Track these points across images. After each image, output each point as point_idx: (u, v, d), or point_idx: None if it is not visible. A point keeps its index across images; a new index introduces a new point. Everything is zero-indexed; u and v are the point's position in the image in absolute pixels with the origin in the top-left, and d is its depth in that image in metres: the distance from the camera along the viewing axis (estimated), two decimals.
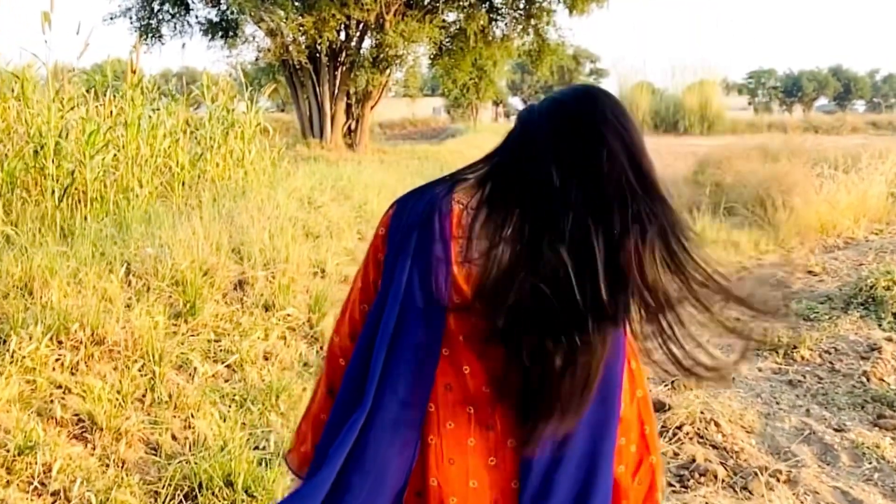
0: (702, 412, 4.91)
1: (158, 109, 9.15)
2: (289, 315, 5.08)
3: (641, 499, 1.59)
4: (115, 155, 8.11)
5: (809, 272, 9.18)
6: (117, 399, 3.51)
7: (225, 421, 3.66)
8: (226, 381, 4.08)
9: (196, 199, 8.00)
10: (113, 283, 4.41)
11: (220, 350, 4.33)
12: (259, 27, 20.47)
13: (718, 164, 12.91)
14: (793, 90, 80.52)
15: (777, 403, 5.46)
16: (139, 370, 3.81)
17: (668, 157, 22.92)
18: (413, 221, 1.46)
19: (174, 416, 3.59)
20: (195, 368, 4.01)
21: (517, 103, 66.51)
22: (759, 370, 6.24)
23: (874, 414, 5.19)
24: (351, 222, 8.76)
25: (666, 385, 5.54)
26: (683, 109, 40.73)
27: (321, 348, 4.96)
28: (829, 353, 6.53)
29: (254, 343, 4.51)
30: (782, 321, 1.63)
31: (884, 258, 9.63)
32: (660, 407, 4.93)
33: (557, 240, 1.33)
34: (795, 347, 6.57)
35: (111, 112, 8.92)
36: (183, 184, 9.05)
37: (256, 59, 22.25)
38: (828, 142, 16.87)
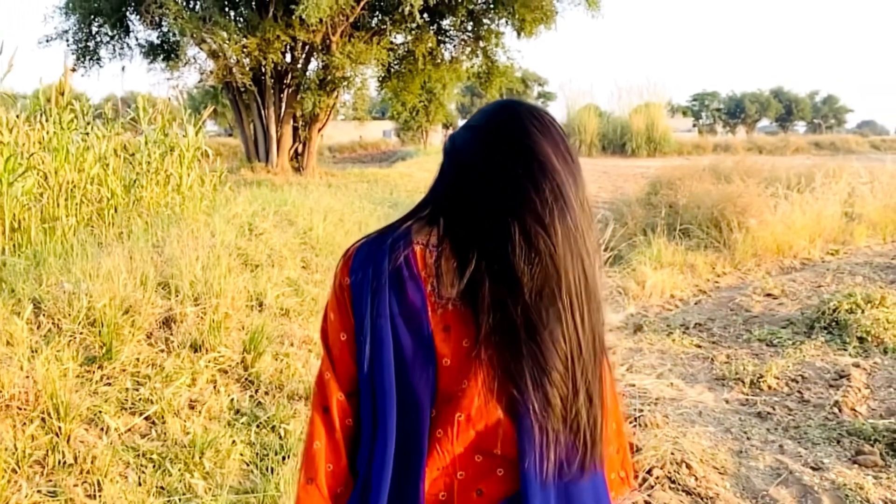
0: (672, 453, 4.54)
1: (87, 133, 8.62)
2: (220, 356, 4.61)
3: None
4: (39, 182, 7.60)
5: (768, 295, 8.94)
6: (11, 463, 3.02)
7: (140, 485, 3.19)
8: (143, 436, 3.60)
9: (127, 228, 7.49)
10: (17, 324, 3.91)
11: (139, 399, 3.84)
12: (201, 49, 19.94)
13: (671, 185, 12.69)
14: (736, 112, 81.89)
15: (748, 439, 5.12)
16: (41, 426, 3.32)
17: (617, 179, 22.86)
18: (380, 269, 1.44)
19: (79, 483, 3.11)
20: (107, 423, 3.53)
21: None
22: (727, 402, 5.92)
23: (852, 450, 4.87)
24: (295, 249, 8.30)
25: (632, 422, 5.17)
26: (630, 131, 40.87)
27: (256, 392, 4.50)
28: (797, 382, 6.25)
29: (178, 390, 4.03)
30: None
31: (842, 279, 9.45)
32: None
33: (510, 263, 1.36)
34: (761, 376, 6.27)
35: (42, 137, 8.37)
36: (116, 210, 8.53)
37: (200, 82, 21.70)
38: (777, 162, 16.84)
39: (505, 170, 1.40)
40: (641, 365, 6.69)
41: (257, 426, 4.02)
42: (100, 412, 3.60)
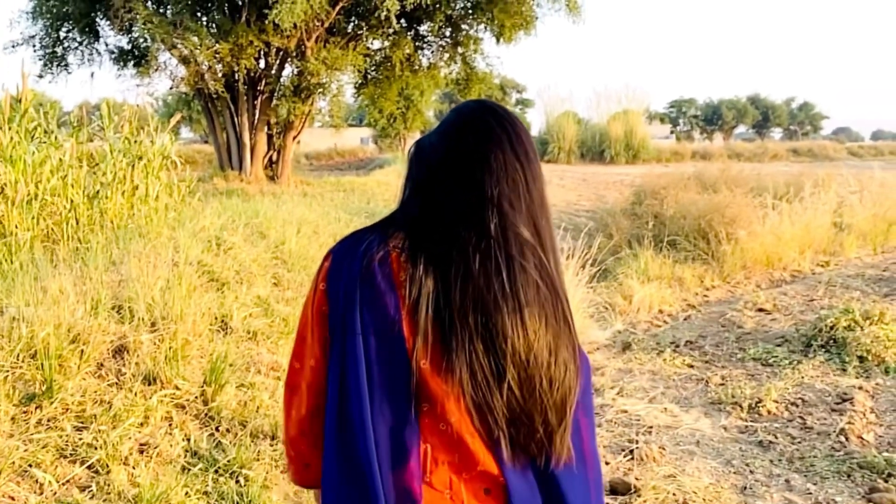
0: (673, 493, 4.17)
1: (44, 143, 8.14)
2: (177, 389, 4.18)
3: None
4: None
5: (760, 310, 8.62)
6: None
7: None
8: (83, 489, 3.16)
9: (85, 244, 7.03)
10: None
11: (81, 444, 3.40)
12: (172, 54, 19.44)
13: (655, 195, 12.37)
14: (713, 118, 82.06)
15: (752, 472, 4.76)
16: None
17: (598, 187, 22.55)
18: (355, 274, 1.44)
19: None
20: (45, 474, 3.09)
21: None
22: (725, 429, 5.56)
23: (864, 485, 4.51)
24: (265, 265, 7.86)
25: (626, 455, 4.79)
26: (609, 138, 40.55)
27: (216, 430, 4.07)
28: (797, 406, 5.91)
29: (127, 431, 3.60)
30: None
31: (834, 293, 9.16)
32: (624, 489, 4.16)
33: (457, 271, 1.39)
34: (760, 400, 5.92)
35: (5, 146, 7.88)
36: (77, 223, 8.06)
37: (171, 88, 21.20)
38: (761, 170, 16.58)
39: (455, 175, 1.44)
40: (632, 388, 6.32)
41: (215, 471, 3.59)
42: (36, 461, 3.17)
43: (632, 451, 4.82)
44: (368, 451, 1.40)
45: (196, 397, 4.22)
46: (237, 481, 3.55)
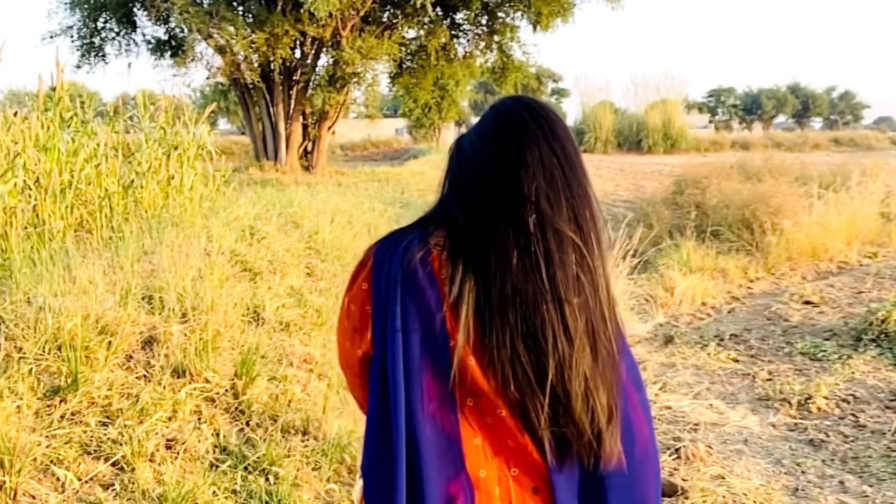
0: (722, 496, 3.97)
1: (78, 131, 8.09)
2: (207, 382, 4.06)
3: None
4: (24, 184, 7.08)
5: (807, 302, 8.34)
6: None
7: None
8: (106, 486, 3.04)
9: (118, 233, 6.96)
10: None
11: (107, 440, 3.29)
12: (208, 44, 19.43)
13: (697, 184, 12.07)
14: (752, 108, 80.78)
15: (803, 473, 4.54)
16: None
17: (635, 177, 22.23)
18: (396, 273, 1.44)
19: None
20: (66, 472, 2.97)
21: None
22: (773, 426, 5.34)
23: None
24: (299, 255, 7.74)
25: (671, 454, 4.60)
26: (646, 128, 40.05)
27: (246, 424, 3.94)
28: (848, 403, 5.67)
29: (154, 425, 3.47)
30: None
31: (883, 284, 8.85)
32: (671, 491, 3.97)
33: (497, 273, 1.38)
34: (809, 397, 5.69)
35: (41, 135, 7.85)
36: (111, 212, 8.01)
37: (207, 78, 21.22)
38: (804, 159, 16.18)
39: (492, 172, 1.43)
40: (675, 383, 6.11)
41: (244, 468, 3.46)
42: (58, 458, 3.06)
43: (677, 450, 4.62)
44: (398, 451, 1.40)
45: (226, 390, 4.10)
46: (266, 479, 3.41)
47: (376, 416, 1.45)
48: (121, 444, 3.25)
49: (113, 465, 3.16)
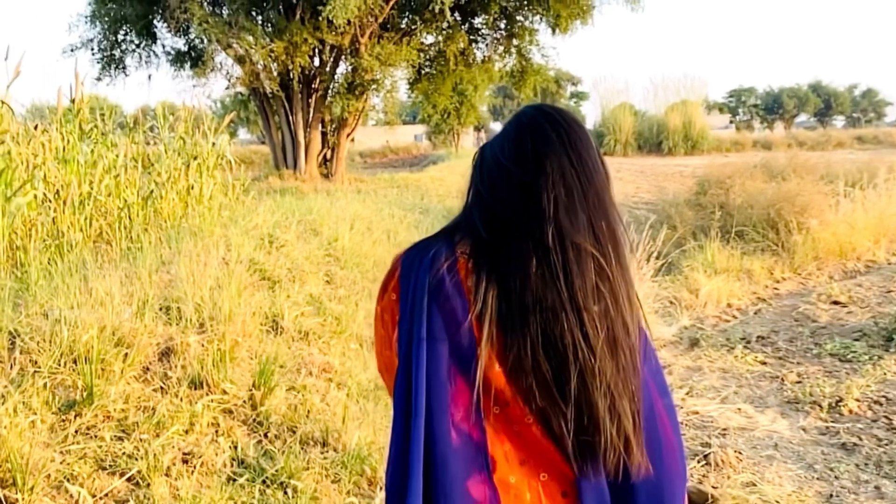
0: None
1: (98, 142, 8.09)
2: (225, 393, 3.99)
3: None
4: (44, 196, 7.08)
5: (835, 302, 8.18)
6: None
7: None
8: (121, 503, 2.98)
9: (137, 243, 6.94)
10: None
11: (122, 454, 3.23)
12: (227, 54, 19.49)
13: (720, 184, 11.91)
14: (773, 107, 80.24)
15: (837, 479, 4.41)
16: None
17: (656, 178, 22.06)
18: (423, 282, 1.44)
19: None
20: (79, 489, 2.91)
21: (499, 128, 65.70)
22: (804, 430, 5.20)
23: None
24: (318, 262, 7.69)
25: (700, 460, 4.49)
26: (667, 129, 39.86)
27: (264, 436, 3.87)
28: (881, 405, 5.52)
29: (171, 439, 3.41)
30: None
31: None
32: (701, 500, 3.86)
33: (517, 285, 1.39)
34: (840, 399, 5.55)
35: (61, 148, 7.86)
36: (130, 221, 8.00)
37: (227, 88, 21.31)
38: (829, 158, 15.97)
39: (510, 182, 1.44)
40: (702, 387, 5.99)
41: (262, 482, 3.39)
42: (72, 474, 3.00)
43: (706, 456, 4.51)
44: (413, 459, 1.40)
45: (244, 401, 4.03)
46: (285, 492, 3.34)
47: (402, 425, 1.44)
48: (136, 459, 3.19)
49: (128, 480, 3.10)
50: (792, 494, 4.08)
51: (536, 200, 1.40)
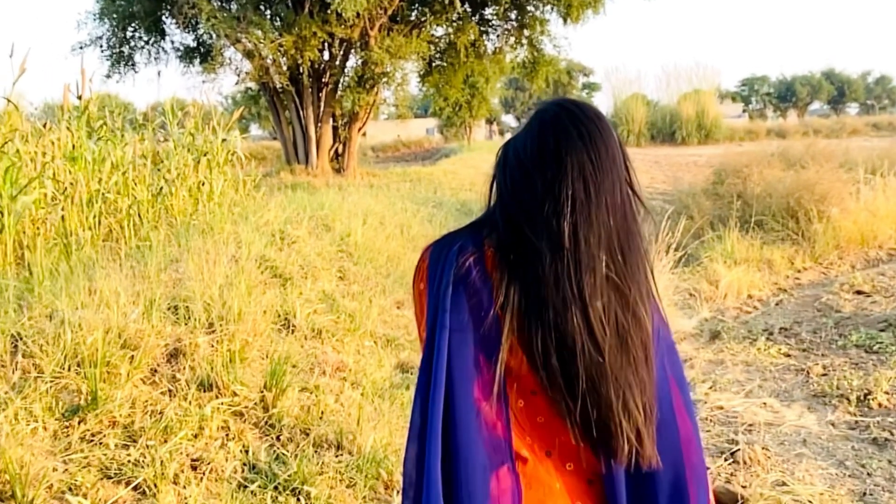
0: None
1: (106, 139, 7.99)
2: (235, 395, 3.87)
3: None
4: (53, 195, 6.98)
5: (858, 292, 8.00)
6: None
7: None
8: None
9: (146, 241, 6.82)
10: None
11: (128, 462, 3.10)
12: (236, 49, 19.38)
13: (738, 174, 11.72)
14: (787, 95, 79.74)
15: (869, 476, 4.26)
16: None
17: (671, 168, 21.85)
18: (448, 273, 1.46)
19: None
20: (82, 500, 2.79)
21: (511, 121, 65.59)
22: (832, 425, 5.04)
23: None
24: (331, 258, 7.57)
25: (726, 458, 4.33)
26: (680, 119, 39.63)
27: (276, 439, 3.75)
28: None
29: (179, 444, 3.29)
30: None
31: None
32: (730, 500, 3.71)
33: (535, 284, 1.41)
34: (869, 392, 5.38)
35: (71, 146, 7.77)
36: (140, 219, 7.90)
37: (236, 83, 21.21)
38: (847, 145, 15.73)
39: (530, 179, 1.45)
40: (725, 381, 5.83)
41: (274, 488, 3.26)
42: (76, 483, 2.87)
43: (733, 454, 4.35)
44: (431, 448, 1.40)
45: (255, 404, 3.91)
46: (298, 499, 3.21)
47: (419, 413, 1.46)
48: (143, 467, 3.07)
49: (134, 489, 2.98)
50: (824, 493, 3.92)
51: (555, 199, 1.40)
